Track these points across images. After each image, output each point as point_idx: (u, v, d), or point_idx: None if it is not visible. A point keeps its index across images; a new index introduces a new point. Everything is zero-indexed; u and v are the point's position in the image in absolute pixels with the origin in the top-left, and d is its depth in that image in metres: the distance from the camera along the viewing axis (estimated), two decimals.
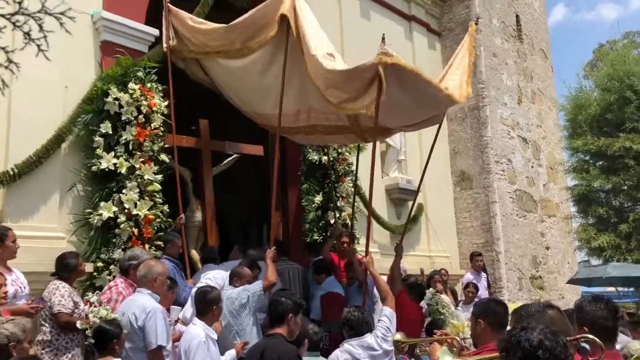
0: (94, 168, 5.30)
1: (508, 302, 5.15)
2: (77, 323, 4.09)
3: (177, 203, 5.95)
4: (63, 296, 4.16)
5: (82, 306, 4.27)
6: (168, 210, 5.67)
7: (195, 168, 7.18)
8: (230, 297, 4.73)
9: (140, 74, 5.63)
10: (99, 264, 5.09)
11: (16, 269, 4.33)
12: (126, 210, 5.24)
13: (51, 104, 5.36)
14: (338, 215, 7.47)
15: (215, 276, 5.19)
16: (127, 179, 5.33)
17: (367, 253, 5.26)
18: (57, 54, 4.71)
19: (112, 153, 5.35)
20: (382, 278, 5.16)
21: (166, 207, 5.64)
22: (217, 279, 5.12)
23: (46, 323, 4.15)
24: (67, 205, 5.38)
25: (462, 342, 3.58)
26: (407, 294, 5.60)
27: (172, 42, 6.04)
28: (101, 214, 5.18)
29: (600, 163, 11.32)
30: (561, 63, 45.94)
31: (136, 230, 5.26)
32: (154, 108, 5.64)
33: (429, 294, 6.81)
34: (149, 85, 5.69)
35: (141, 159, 5.45)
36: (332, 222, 7.41)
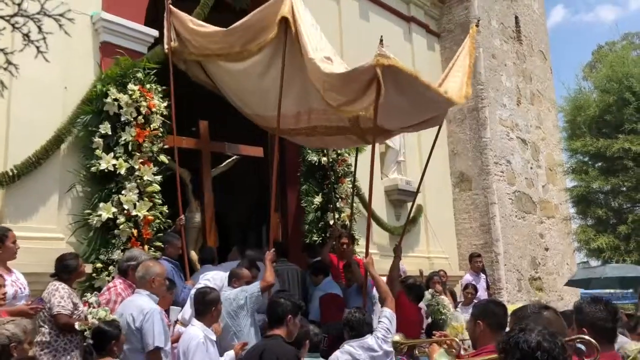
0: (93, 169, 5.31)
1: (507, 303, 5.16)
2: (76, 324, 4.09)
3: (177, 204, 5.94)
4: (63, 297, 4.16)
5: (82, 307, 4.27)
6: (167, 211, 5.67)
7: (194, 169, 7.17)
8: (228, 298, 4.73)
9: (139, 75, 5.63)
10: (98, 265, 5.09)
11: (16, 270, 4.33)
12: (125, 211, 5.24)
13: (50, 105, 5.36)
14: (337, 216, 7.47)
15: (214, 277, 5.18)
16: (127, 180, 5.33)
17: (367, 254, 5.26)
18: (57, 55, 4.70)
19: (112, 154, 5.35)
20: (382, 279, 5.17)
21: (165, 208, 5.64)
22: (216, 280, 5.11)
23: (45, 324, 4.15)
24: (67, 206, 5.38)
25: (462, 344, 3.58)
26: (406, 295, 5.60)
27: (174, 44, 6.04)
28: (100, 215, 5.19)
29: (599, 164, 11.32)
30: (560, 64, 46.13)
31: (135, 231, 5.26)
32: (154, 109, 5.64)
33: (428, 295, 6.82)
34: (149, 86, 5.69)
35: (140, 160, 5.45)
36: (332, 223, 7.41)
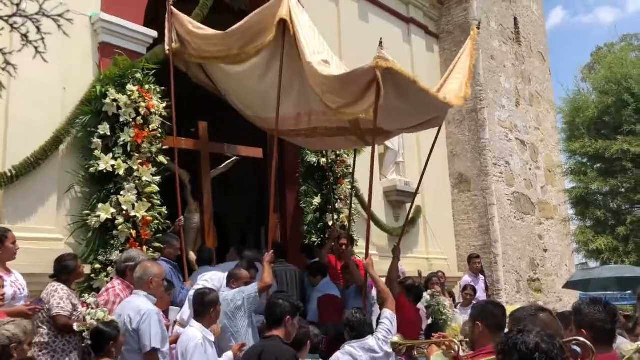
0: (92, 170, 5.30)
1: (506, 305, 5.15)
2: (74, 325, 4.08)
3: (176, 205, 5.93)
4: (62, 298, 4.16)
5: (81, 308, 4.26)
6: (166, 212, 5.66)
7: (194, 170, 7.17)
8: (226, 299, 4.72)
9: (138, 76, 5.62)
10: (97, 266, 5.08)
11: (15, 271, 4.32)
12: (124, 212, 5.24)
13: (49, 106, 5.35)
14: (336, 217, 7.47)
15: (212, 278, 5.18)
16: (125, 181, 5.32)
17: (367, 255, 5.25)
18: (55, 56, 4.73)
19: (110, 155, 5.34)
20: (382, 280, 5.17)
21: (164, 209, 5.63)
22: (214, 281, 5.11)
23: (44, 325, 4.14)
24: (65, 206, 5.38)
25: (461, 345, 3.58)
26: (405, 296, 5.60)
27: (175, 45, 6.03)
28: (99, 216, 5.18)
29: (598, 165, 11.33)
30: (559, 66, 46.09)
31: (134, 232, 5.25)
32: (152, 110, 5.64)
33: (428, 296, 6.82)
34: (148, 86, 5.68)
35: (139, 161, 5.44)
36: (331, 224, 7.41)
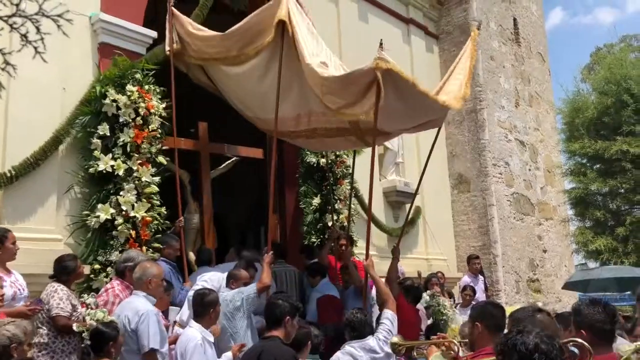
0: (92, 170, 5.30)
1: (505, 305, 5.15)
2: (74, 326, 4.08)
3: (175, 205, 5.93)
4: (62, 299, 4.15)
5: (80, 309, 4.26)
6: (166, 212, 5.66)
7: (193, 170, 7.16)
8: (225, 300, 4.72)
9: (138, 76, 5.62)
10: (96, 266, 5.08)
11: (15, 271, 4.32)
12: (123, 212, 5.23)
13: (49, 106, 5.35)
14: (336, 217, 7.47)
15: (211, 278, 5.18)
16: (125, 181, 5.32)
17: (368, 256, 5.24)
18: (55, 56, 4.72)
19: (110, 155, 5.34)
20: (383, 281, 5.16)
21: (164, 209, 5.63)
22: (213, 281, 5.11)
23: (43, 326, 4.14)
24: (65, 207, 5.37)
25: (461, 346, 3.58)
26: (404, 297, 5.60)
27: (176, 46, 6.02)
28: (98, 216, 5.18)
29: (597, 166, 11.33)
30: (558, 66, 46.12)
31: (133, 232, 5.25)
32: (152, 110, 5.63)
33: (427, 297, 6.81)
34: (147, 87, 5.68)
35: (139, 161, 5.44)
36: (330, 225, 7.41)
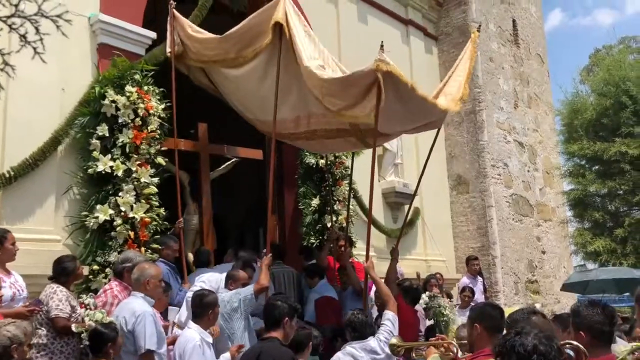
0: (90, 171, 5.30)
1: (504, 307, 5.15)
2: (73, 326, 4.08)
3: (175, 206, 5.92)
4: (61, 300, 4.15)
5: (79, 310, 4.26)
6: (164, 213, 5.66)
7: (193, 171, 7.16)
8: (222, 301, 4.71)
9: (137, 77, 5.62)
10: (95, 267, 5.08)
11: (15, 272, 4.32)
12: (122, 213, 5.23)
13: (48, 107, 5.35)
14: (335, 218, 7.47)
15: (209, 279, 5.18)
16: (124, 182, 5.32)
17: (368, 258, 5.23)
18: (54, 57, 4.73)
19: (109, 156, 5.34)
20: (383, 282, 5.16)
21: (162, 210, 5.63)
22: (211, 282, 5.11)
23: (42, 327, 4.13)
24: (63, 207, 5.37)
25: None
26: (402, 298, 5.60)
27: (177, 48, 6.01)
28: (97, 217, 5.17)
29: (596, 167, 11.33)
30: (557, 68, 46.11)
31: (132, 233, 5.24)
32: (151, 111, 5.63)
33: (426, 298, 6.81)
34: (146, 88, 5.68)
35: (138, 162, 5.43)
36: (329, 226, 7.41)
